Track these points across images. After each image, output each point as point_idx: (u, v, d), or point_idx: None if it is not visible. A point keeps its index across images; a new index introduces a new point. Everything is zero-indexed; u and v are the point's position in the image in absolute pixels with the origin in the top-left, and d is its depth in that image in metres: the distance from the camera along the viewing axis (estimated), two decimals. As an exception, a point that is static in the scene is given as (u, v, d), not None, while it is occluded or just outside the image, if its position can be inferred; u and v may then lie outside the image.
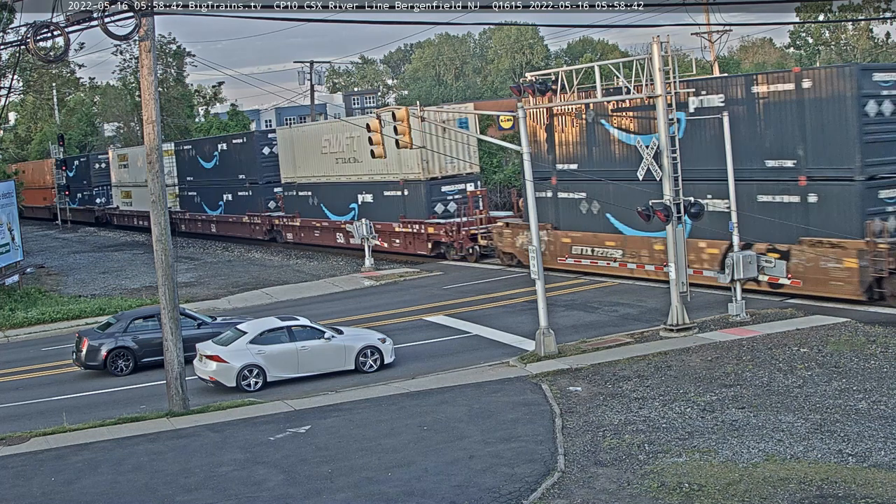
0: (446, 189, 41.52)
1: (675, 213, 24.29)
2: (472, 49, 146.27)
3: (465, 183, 41.68)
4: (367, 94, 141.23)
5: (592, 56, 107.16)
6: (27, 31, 20.32)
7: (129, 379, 25.59)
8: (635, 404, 18.89)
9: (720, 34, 58.87)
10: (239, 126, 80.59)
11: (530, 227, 24.16)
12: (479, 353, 24.96)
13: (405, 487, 15.26)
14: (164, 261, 21.19)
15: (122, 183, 73.23)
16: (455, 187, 41.64)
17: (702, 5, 53.08)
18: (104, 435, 19.68)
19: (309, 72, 68.15)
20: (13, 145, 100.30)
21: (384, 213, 43.49)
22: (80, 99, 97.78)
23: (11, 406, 23.92)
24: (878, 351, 21.29)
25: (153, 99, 21.04)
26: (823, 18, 67.65)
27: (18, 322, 34.86)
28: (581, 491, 14.63)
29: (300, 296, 36.69)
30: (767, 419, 17.36)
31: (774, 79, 27.75)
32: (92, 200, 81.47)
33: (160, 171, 21.34)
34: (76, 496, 16.23)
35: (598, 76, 26.82)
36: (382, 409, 19.93)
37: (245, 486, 15.92)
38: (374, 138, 27.63)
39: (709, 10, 56.61)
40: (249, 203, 55.99)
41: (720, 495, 13.95)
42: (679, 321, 24.43)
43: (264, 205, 54.42)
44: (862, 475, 14.35)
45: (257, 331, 23.55)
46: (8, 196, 41.48)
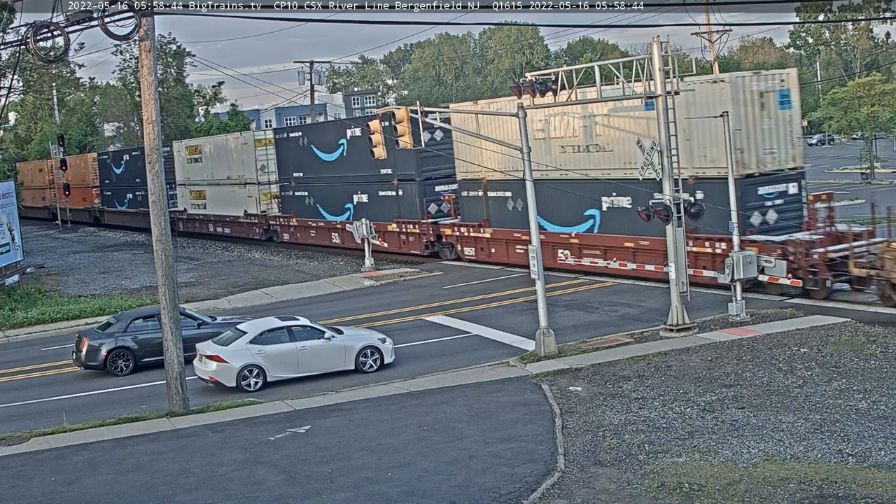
0: (765, 191, 29.15)
1: (676, 213, 24.28)
2: (472, 49, 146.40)
3: (788, 182, 29.56)
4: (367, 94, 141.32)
5: (592, 56, 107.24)
6: (27, 31, 20.33)
7: (129, 379, 25.58)
8: (635, 404, 18.89)
9: (720, 34, 58.97)
10: (239, 126, 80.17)
11: (530, 227, 24.17)
12: (479, 353, 24.96)
13: (405, 487, 15.26)
14: (164, 261, 21.19)
15: (192, 180, 62.45)
16: (775, 188, 29.38)
17: (702, 5, 53.10)
18: (104, 435, 19.68)
19: (309, 72, 68.12)
20: (13, 145, 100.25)
21: (643, 226, 28.51)
22: (80, 99, 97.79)
23: (11, 406, 23.92)
24: (878, 351, 21.30)
25: (153, 99, 21.05)
26: (823, 18, 67.67)
27: (18, 322, 34.86)
28: (581, 491, 14.63)
29: (300, 296, 36.70)
30: (767, 419, 17.36)
31: None
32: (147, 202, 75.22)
33: (160, 171, 21.35)
34: (76, 496, 16.23)
35: (598, 76, 26.81)
36: (382, 409, 19.93)
37: (245, 486, 15.92)
38: (374, 139, 27.36)
39: (709, 10, 56.67)
40: (398, 206, 42.99)
41: (720, 495, 13.95)
42: (679, 321, 24.43)
43: (422, 209, 41.97)
44: (862, 475, 14.35)
45: (257, 331, 23.55)
46: (8, 196, 41.51)
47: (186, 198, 63.38)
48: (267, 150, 52.66)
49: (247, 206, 55.08)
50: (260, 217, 53.77)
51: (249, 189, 54.64)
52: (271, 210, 53.47)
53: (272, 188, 53.29)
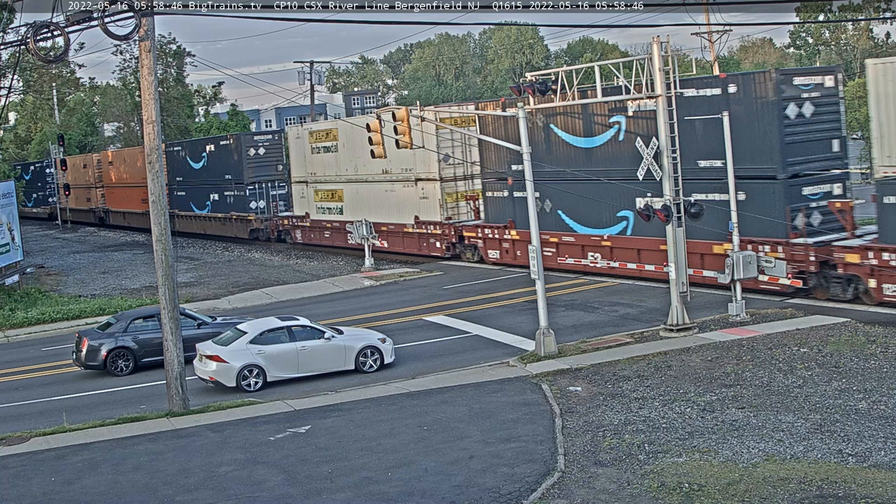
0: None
1: (676, 213, 24.29)
2: (472, 49, 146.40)
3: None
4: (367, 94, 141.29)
5: (592, 56, 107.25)
6: (27, 31, 20.33)
7: (129, 379, 25.59)
8: (635, 404, 18.89)
9: (720, 34, 58.94)
10: (239, 126, 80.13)
11: (530, 229, 24.17)
12: (479, 353, 24.96)
13: (405, 487, 15.26)
14: (164, 261, 21.19)
15: (320, 176, 48.50)
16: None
17: (702, 5, 53.10)
18: (104, 435, 19.68)
19: (309, 72, 68.17)
20: (13, 145, 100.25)
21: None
22: (80, 99, 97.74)
23: (11, 406, 23.92)
24: (878, 351, 21.29)
25: (153, 99, 21.05)
26: (823, 18, 67.64)
27: (18, 322, 34.87)
28: (581, 491, 14.63)
29: (300, 296, 36.70)
30: (767, 419, 17.36)
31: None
32: (245, 204, 53.86)
33: (160, 171, 21.34)
34: (76, 496, 16.23)
35: (598, 76, 26.82)
36: (382, 409, 19.93)
37: (245, 486, 15.92)
38: (373, 138, 27.46)
39: (709, 10, 56.65)
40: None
41: (720, 495, 13.95)
42: (679, 321, 24.43)
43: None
44: (862, 475, 14.35)
45: (257, 331, 23.55)
46: (8, 196, 41.53)
47: (308, 199, 49.43)
48: (452, 134, 38.44)
49: (419, 210, 41.74)
50: (444, 226, 40.68)
51: (424, 187, 41.72)
52: (458, 216, 40.68)
53: (465, 185, 40.66)
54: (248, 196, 53.56)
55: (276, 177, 54.30)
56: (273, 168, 54.28)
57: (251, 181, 53.70)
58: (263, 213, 53.54)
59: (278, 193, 53.62)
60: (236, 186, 54.42)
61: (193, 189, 59.83)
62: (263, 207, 53.70)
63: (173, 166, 60.81)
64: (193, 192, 59.83)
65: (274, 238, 53.42)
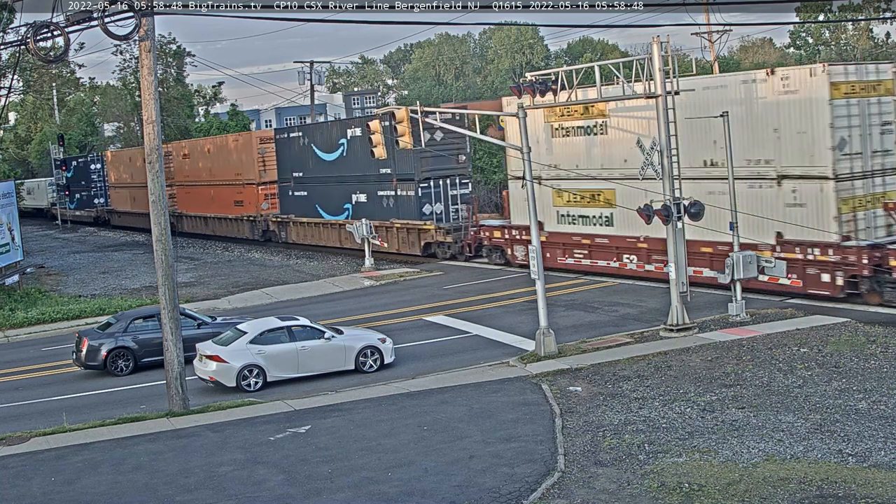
0: None
1: (675, 213, 24.29)
2: (472, 49, 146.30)
3: None
4: (367, 94, 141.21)
5: (592, 56, 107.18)
6: (27, 31, 20.34)
7: (129, 379, 25.59)
8: (635, 404, 18.89)
9: (720, 34, 58.93)
10: (239, 126, 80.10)
11: (530, 227, 24.16)
12: (479, 353, 24.96)
13: (405, 487, 15.26)
14: (164, 261, 21.19)
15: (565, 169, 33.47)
16: None
17: (702, 5, 53.10)
18: (104, 435, 19.68)
19: (309, 72, 68.11)
20: (13, 145, 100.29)
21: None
22: (80, 99, 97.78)
23: (11, 406, 23.92)
24: (878, 351, 21.30)
25: (153, 99, 21.04)
26: (823, 18, 67.64)
27: (18, 322, 34.88)
28: (581, 491, 14.63)
29: (300, 296, 36.70)
30: (767, 419, 17.36)
31: None
32: (415, 209, 40.34)
33: (160, 171, 21.34)
34: (76, 496, 16.23)
35: (598, 76, 26.81)
36: (382, 409, 19.93)
37: (245, 486, 15.92)
38: (373, 139, 27.39)
39: (709, 10, 56.65)
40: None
41: (720, 495, 13.95)
42: (679, 321, 24.43)
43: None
44: (862, 475, 14.35)
45: (257, 331, 23.55)
46: (8, 196, 41.53)
47: (544, 204, 33.16)
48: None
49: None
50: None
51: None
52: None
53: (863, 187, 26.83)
54: (420, 197, 39.74)
55: (458, 171, 40.64)
56: (453, 159, 40.24)
57: (424, 176, 39.86)
58: (449, 222, 40.09)
59: (459, 193, 40.18)
60: (400, 184, 40.84)
61: (322, 188, 46.16)
62: (441, 213, 40.24)
63: (289, 157, 48.61)
64: (322, 191, 46.17)
65: (470, 255, 39.28)
